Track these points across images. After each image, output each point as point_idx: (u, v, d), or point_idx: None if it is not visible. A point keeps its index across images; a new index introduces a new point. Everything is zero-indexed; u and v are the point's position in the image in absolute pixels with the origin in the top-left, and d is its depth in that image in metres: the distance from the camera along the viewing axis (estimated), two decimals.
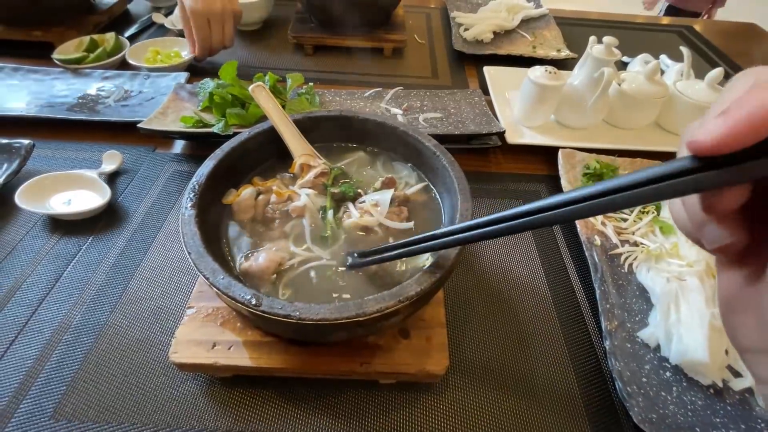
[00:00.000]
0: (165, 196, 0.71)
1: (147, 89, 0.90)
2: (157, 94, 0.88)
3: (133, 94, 0.89)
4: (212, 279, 0.37)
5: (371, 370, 0.46)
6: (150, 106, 0.84)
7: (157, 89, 0.89)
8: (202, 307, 0.49)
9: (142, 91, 0.89)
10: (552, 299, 0.59)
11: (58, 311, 0.54)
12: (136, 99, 0.87)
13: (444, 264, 0.40)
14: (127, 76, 0.92)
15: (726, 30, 1.40)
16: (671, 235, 0.63)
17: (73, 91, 0.88)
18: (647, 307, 0.56)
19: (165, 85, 0.90)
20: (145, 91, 0.89)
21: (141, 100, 0.87)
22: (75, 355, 0.50)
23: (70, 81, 0.91)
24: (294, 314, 0.34)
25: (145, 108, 0.84)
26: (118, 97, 0.87)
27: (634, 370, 0.49)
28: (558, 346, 0.54)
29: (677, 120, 0.84)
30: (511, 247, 0.65)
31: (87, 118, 0.80)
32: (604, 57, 0.77)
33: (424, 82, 1.03)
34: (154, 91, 0.89)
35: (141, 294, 0.57)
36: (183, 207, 0.43)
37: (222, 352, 0.46)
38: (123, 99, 0.87)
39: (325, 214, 0.49)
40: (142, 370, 0.49)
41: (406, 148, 0.57)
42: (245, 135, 0.52)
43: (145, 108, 0.84)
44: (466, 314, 0.56)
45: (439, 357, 0.47)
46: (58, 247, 0.62)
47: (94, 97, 0.87)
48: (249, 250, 0.47)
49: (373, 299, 0.36)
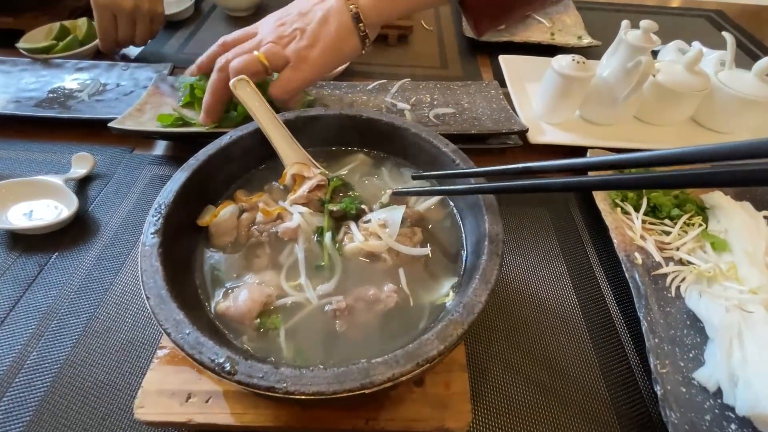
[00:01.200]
0: (142, 205, 0.62)
1: (125, 82, 0.81)
2: (136, 88, 0.79)
3: (110, 88, 0.79)
4: (174, 335, 0.28)
5: (378, 428, 0.38)
6: (128, 101, 0.75)
7: (136, 82, 0.80)
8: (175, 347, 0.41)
9: (119, 84, 0.80)
10: (588, 330, 0.50)
11: (11, 347, 0.46)
12: (113, 93, 0.78)
13: (473, 307, 0.31)
14: (103, 67, 0.83)
15: (759, 14, 1.30)
16: (724, 252, 0.54)
17: (42, 84, 0.79)
18: (701, 340, 0.48)
19: (145, 77, 0.81)
20: (123, 84, 0.80)
21: (118, 94, 0.78)
22: (27, 402, 0.43)
23: (40, 73, 0.81)
24: (280, 386, 0.26)
25: (122, 103, 0.75)
26: (93, 90, 0.78)
27: (694, 421, 0.41)
28: (598, 390, 0.46)
29: (719, 115, 0.75)
30: (537, 269, 0.56)
31: (56, 116, 0.72)
32: (641, 44, 0.68)
33: (433, 72, 0.93)
34: (132, 84, 0.80)
35: (109, 324, 0.49)
36: (144, 235, 0.34)
37: (198, 406, 0.38)
38: (98, 93, 0.78)
39: (322, 238, 0.41)
40: (106, 422, 0.41)
41: (419, 153, 0.48)
42: (225, 139, 0.44)
43: (122, 103, 0.75)
44: (487, 351, 0.48)
45: (461, 409, 0.39)
46: (15, 268, 0.53)
47: (67, 92, 0.78)
48: (228, 283, 0.38)
49: (383, 362, 0.28)
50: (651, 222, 0.60)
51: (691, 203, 0.60)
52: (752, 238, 0.53)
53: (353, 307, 0.36)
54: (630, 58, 0.69)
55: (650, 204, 0.60)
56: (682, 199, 0.61)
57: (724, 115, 0.75)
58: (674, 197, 0.61)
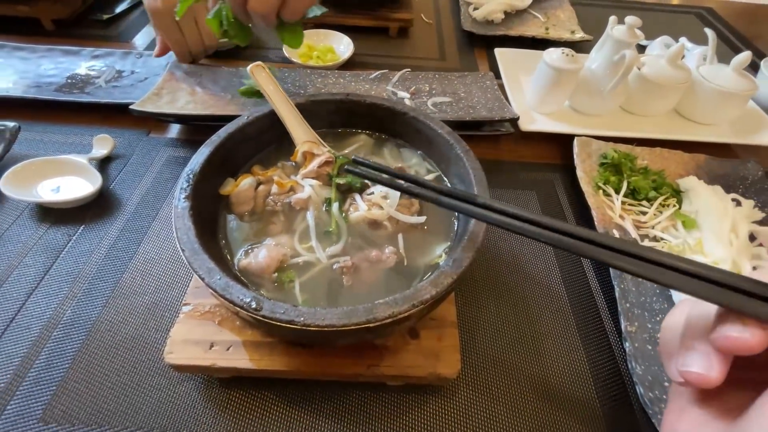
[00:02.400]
0: (160, 183, 0.67)
1: (139, 69, 0.85)
2: (150, 75, 0.83)
3: (125, 75, 0.84)
4: (208, 279, 0.33)
5: (379, 373, 0.43)
6: (143, 88, 0.79)
7: (150, 69, 0.84)
8: (198, 304, 0.46)
9: (134, 71, 0.85)
10: (567, 296, 0.56)
11: (47, 306, 0.51)
12: (128, 80, 0.83)
13: (461, 262, 0.37)
14: (118, 54, 0.87)
15: (747, 12, 1.34)
16: (694, 230, 0.59)
17: (61, 70, 0.83)
18: (668, 306, 0.53)
19: (158, 65, 0.85)
20: (138, 72, 0.84)
21: (133, 80, 0.83)
22: (65, 353, 0.48)
23: (58, 60, 0.86)
24: (298, 320, 0.31)
25: (137, 89, 0.80)
26: (109, 77, 0.83)
27: (656, 374, 0.47)
28: (574, 347, 0.51)
29: (699, 107, 0.80)
30: (524, 240, 0.62)
31: (76, 100, 0.76)
32: (626, 39, 0.72)
33: (432, 64, 0.98)
34: (146, 71, 0.84)
35: (135, 288, 0.54)
36: (176, 198, 0.39)
37: (220, 353, 0.43)
38: (114, 79, 0.82)
39: (329, 207, 0.46)
40: (136, 369, 0.47)
41: (417, 135, 0.53)
42: (244, 119, 0.49)
43: (138, 89, 0.79)
44: (476, 312, 0.53)
45: (451, 359, 0.44)
46: (46, 238, 0.58)
47: (84, 77, 0.82)
48: (248, 245, 0.43)
49: (384, 303, 0.33)
50: (630, 203, 0.65)
51: (668, 186, 0.66)
52: (719, 217, 0.59)
53: (358, 265, 0.41)
54: (616, 51, 0.73)
55: (630, 187, 0.65)
56: (659, 183, 0.66)
57: (704, 107, 0.80)
58: (652, 181, 0.66)
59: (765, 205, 0.65)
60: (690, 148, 0.73)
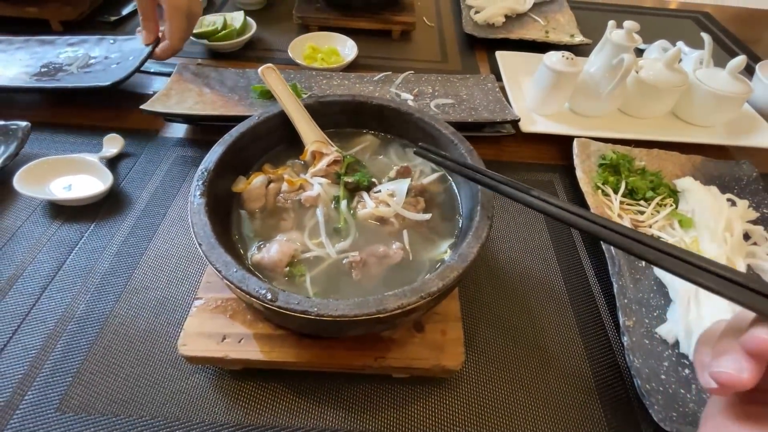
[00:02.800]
0: (169, 182, 0.68)
1: (114, 54, 0.85)
2: (122, 59, 0.82)
3: (97, 60, 0.84)
4: (225, 272, 0.35)
5: (386, 365, 0.45)
6: (115, 72, 0.78)
7: (123, 54, 0.84)
8: (210, 299, 0.47)
9: (108, 57, 0.85)
10: (567, 293, 0.58)
11: (62, 300, 0.53)
12: (101, 65, 0.83)
13: (466, 257, 0.38)
14: (93, 41, 0.87)
15: (742, 16, 1.36)
16: (690, 228, 0.61)
17: (36, 59, 0.84)
18: (665, 302, 0.55)
19: (130, 49, 0.84)
20: (111, 57, 0.84)
21: (105, 66, 0.83)
22: (80, 345, 0.49)
23: (34, 50, 0.86)
24: (312, 310, 0.33)
25: (108, 74, 0.79)
26: (81, 63, 0.83)
27: (653, 366, 0.48)
28: (574, 341, 0.53)
29: (695, 110, 0.82)
30: (525, 239, 0.64)
31: (44, 86, 0.77)
32: (624, 43, 0.74)
33: (433, 66, 1.00)
34: (119, 56, 0.84)
35: (146, 283, 0.55)
36: (192, 195, 0.41)
37: (232, 345, 0.44)
38: (86, 66, 0.83)
39: (338, 204, 0.48)
40: (150, 361, 0.48)
41: (421, 135, 0.54)
42: (255, 119, 0.50)
43: (109, 74, 0.79)
44: (479, 308, 0.55)
45: (455, 352, 0.46)
46: (59, 234, 0.60)
47: (57, 65, 0.83)
48: (260, 240, 0.45)
49: (393, 295, 0.34)
50: (628, 203, 0.67)
51: (665, 187, 0.67)
52: (714, 216, 0.60)
53: (366, 260, 0.43)
54: (614, 55, 0.75)
55: (628, 187, 0.67)
56: (656, 183, 0.68)
57: (700, 110, 0.82)
58: (650, 181, 0.68)
59: (759, 205, 0.67)
60: (686, 149, 0.75)
